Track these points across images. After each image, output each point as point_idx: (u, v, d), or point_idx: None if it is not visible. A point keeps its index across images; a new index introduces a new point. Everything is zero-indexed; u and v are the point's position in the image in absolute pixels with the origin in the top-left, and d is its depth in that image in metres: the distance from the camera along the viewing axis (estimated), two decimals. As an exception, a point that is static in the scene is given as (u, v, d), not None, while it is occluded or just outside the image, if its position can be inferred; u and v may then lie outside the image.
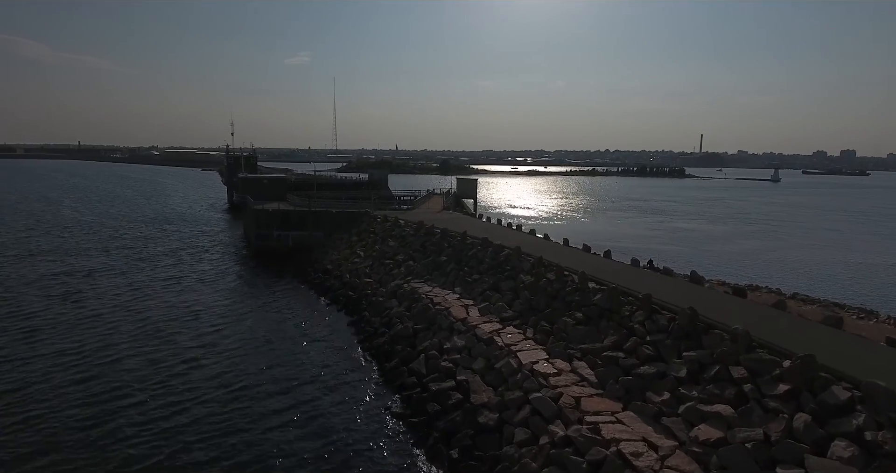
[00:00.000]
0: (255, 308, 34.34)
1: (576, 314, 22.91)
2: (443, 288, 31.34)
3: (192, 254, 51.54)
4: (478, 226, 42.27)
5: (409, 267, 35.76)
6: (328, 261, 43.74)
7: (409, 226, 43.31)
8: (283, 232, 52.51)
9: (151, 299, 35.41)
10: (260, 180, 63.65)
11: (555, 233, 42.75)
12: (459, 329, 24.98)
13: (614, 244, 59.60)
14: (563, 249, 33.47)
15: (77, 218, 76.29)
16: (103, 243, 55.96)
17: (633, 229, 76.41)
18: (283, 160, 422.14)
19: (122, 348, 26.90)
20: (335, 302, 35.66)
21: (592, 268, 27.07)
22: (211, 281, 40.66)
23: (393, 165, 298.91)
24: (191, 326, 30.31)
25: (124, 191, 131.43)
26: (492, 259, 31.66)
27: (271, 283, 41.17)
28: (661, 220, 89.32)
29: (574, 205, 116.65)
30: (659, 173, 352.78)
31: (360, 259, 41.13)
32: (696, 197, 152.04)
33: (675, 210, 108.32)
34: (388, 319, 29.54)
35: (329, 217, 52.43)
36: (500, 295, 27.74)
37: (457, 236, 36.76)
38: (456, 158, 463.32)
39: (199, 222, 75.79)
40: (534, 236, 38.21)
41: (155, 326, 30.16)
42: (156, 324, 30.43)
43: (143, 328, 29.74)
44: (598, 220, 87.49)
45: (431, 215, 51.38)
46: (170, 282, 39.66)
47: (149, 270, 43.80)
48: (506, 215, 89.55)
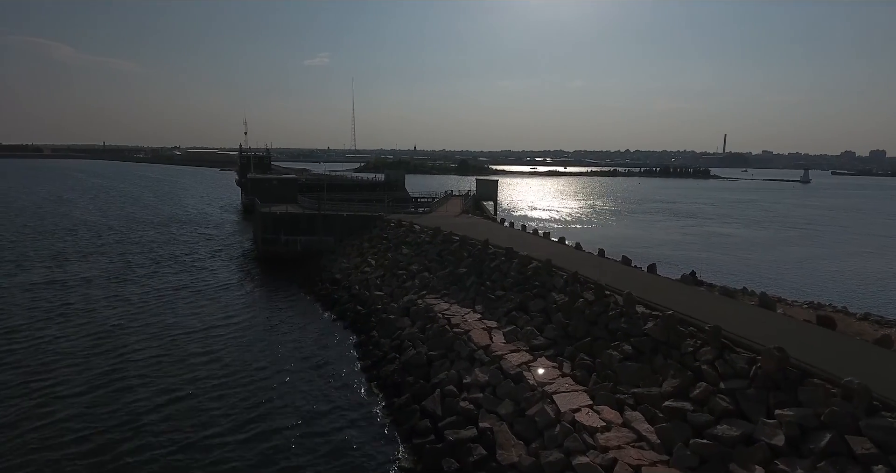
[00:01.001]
0: (254, 325, 30.99)
1: (623, 345, 18.92)
2: (461, 305, 27.57)
3: (196, 260, 48.65)
4: (500, 233, 38.41)
5: (424, 279, 32.07)
6: (337, 269, 40.31)
7: (424, 232, 39.66)
8: (292, 237, 49.31)
9: (140, 315, 32.29)
10: (269, 180, 60.68)
11: (583, 239, 38.75)
12: (482, 360, 21.17)
13: (648, 251, 55.18)
14: (600, 262, 29.41)
15: (86, 220, 74.45)
16: (106, 248, 53.49)
17: (665, 234, 71.56)
18: (302, 160, 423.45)
19: (97, 373, 23.74)
20: (342, 318, 32.15)
21: (638, 286, 23.05)
22: (211, 293, 37.52)
23: (411, 165, 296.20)
24: (174, 351, 26.79)
25: (140, 191, 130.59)
26: (518, 273, 27.78)
27: (275, 294, 37.89)
28: (693, 223, 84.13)
29: (599, 207, 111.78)
30: (683, 174, 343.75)
31: (371, 269, 37.59)
32: (726, 199, 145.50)
33: (706, 213, 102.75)
34: (399, 341, 25.87)
35: (340, 221, 49.07)
36: (528, 317, 23.86)
37: (477, 244, 32.98)
38: (474, 158, 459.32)
39: (209, 225, 73.32)
40: (564, 246, 34.21)
41: (133, 349, 26.80)
42: (133, 348, 27.07)
43: (121, 354, 26.50)
44: (627, 223, 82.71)
45: (449, 219, 47.66)
46: (165, 294, 36.58)
47: (146, 279, 40.90)
48: (528, 219, 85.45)
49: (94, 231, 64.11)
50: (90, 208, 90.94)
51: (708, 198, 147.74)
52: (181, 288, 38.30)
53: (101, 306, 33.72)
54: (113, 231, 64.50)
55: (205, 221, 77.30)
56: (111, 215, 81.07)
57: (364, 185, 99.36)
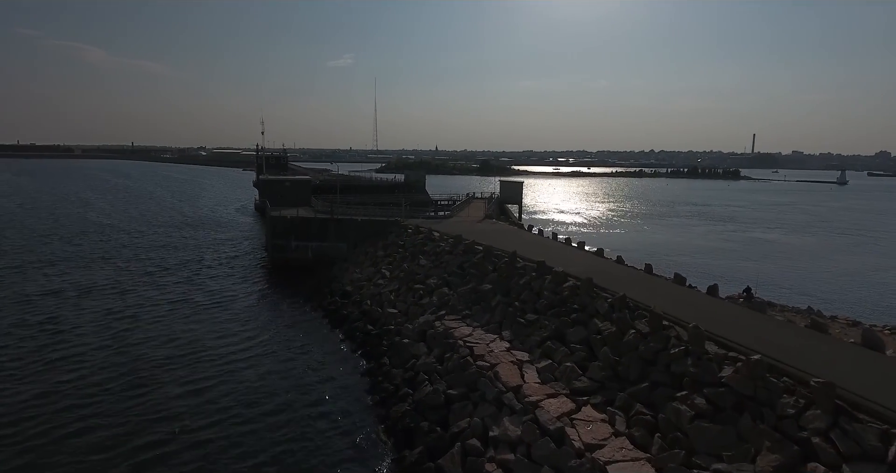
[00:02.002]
0: (251, 348, 27.66)
1: (694, 398, 14.90)
2: (486, 330, 23.76)
3: (203, 268, 45.79)
4: (528, 242, 34.47)
5: (444, 296, 28.35)
6: (348, 281, 36.90)
7: (444, 240, 35.95)
8: (302, 243, 46.17)
9: (126, 334, 29.18)
10: (281, 182, 57.78)
11: (616, 246, 34.69)
12: (512, 406, 17.35)
13: (689, 260, 50.54)
14: (648, 280, 25.27)
15: (99, 222, 72.80)
16: (113, 254, 51.14)
17: (704, 240, 66.49)
18: (325, 160, 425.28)
19: (73, 404, 20.67)
20: (350, 338, 28.63)
21: (701, 314, 18.98)
22: (210, 308, 34.43)
23: (432, 165, 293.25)
24: (147, 383, 23.50)
25: (161, 192, 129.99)
26: (552, 293, 23.85)
27: (281, 309, 34.65)
28: (733, 229, 78.62)
29: (628, 210, 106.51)
30: (711, 175, 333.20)
31: (385, 281, 34.04)
32: (762, 201, 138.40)
33: (744, 217, 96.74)
34: (413, 373, 22.20)
35: (354, 226, 45.69)
36: (566, 350, 19.93)
37: (504, 256, 29.12)
38: (496, 158, 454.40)
39: (223, 227, 70.94)
40: (603, 259, 30.12)
41: (102, 380, 23.57)
42: (105, 375, 23.90)
43: (91, 382, 23.38)
44: (661, 228, 77.62)
45: (471, 225, 43.89)
46: (161, 310, 33.50)
47: (146, 290, 38.08)
48: (554, 223, 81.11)
49: (104, 234, 62.16)
50: (107, 209, 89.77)
51: (742, 200, 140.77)
52: (180, 302, 35.31)
53: (88, 322, 30.86)
54: (124, 235, 62.46)
55: (219, 223, 75.01)
56: (126, 217, 79.48)
57: (382, 186, 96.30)
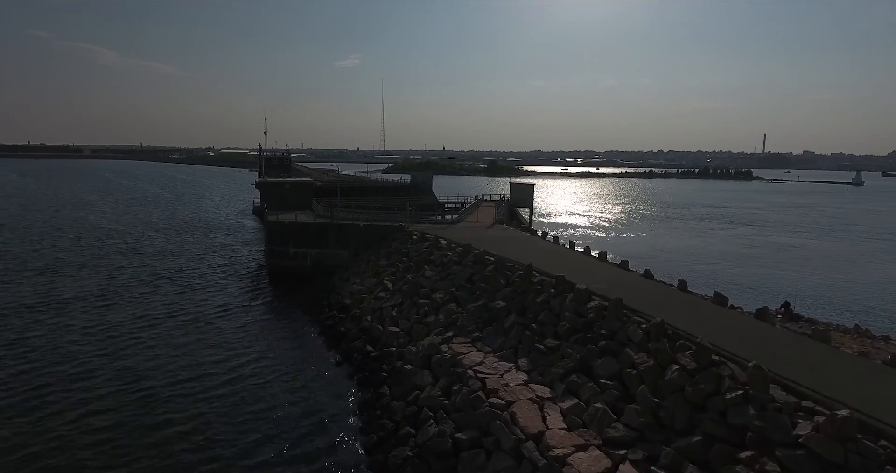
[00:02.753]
0: (239, 370, 24.96)
1: (765, 463, 11.93)
2: (499, 357, 20.86)
3: (199, 277, 43.10)
4: (544, 252, 31.52)
5: (451, 314, 25.47)
6: (347, 293, 34.11)
7: (451, 249, 33.06)
8: (301, 249, 43.48)
9: (105, 354, 26.65)
10: (281, 184, 55.12)
11: (634, 252, 31.66)
12: (534, 460, 14.47)
13: (712, 269, 47.33)
14: (685, 299, 22.22)
15: (97, 226, 70.58)
16: (106, 261, 48.66)
17: (726, 246, 63.08)
18: (332, 160, 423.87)
19: (39, 428, 18.03)
20: (348, 360, 25.82)
21: (758, 347, 16.06)
22: (200, 323, 31.75)
23: (439, 166, 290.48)
24: (118, 416, 21.09)
25: (164, 193, 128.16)
26: (575, 314, 20.92)
27: (275, 325, 31.92)
28: (754, 233, 75.06)
29: (642, 213, 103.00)
30: (723, 175, 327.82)
31: (387, 294, 31.20)
32: (780, 203, 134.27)
33: (764, 220, 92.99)
34: (416, 408, 19.35)
35: (355, 232, 42.93)
36: (595, 387, 17.01)
37: (518, 269, 26.21)
38: (504, 158, 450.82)
39: (222, 231, 68.48)
40: (629, 272, 27.13)
41: (73, 403, 21.15)
42: (76, 400, 21.43)
43: (64, 408, 20.83)
44: (679, 232, 74.17)
45: (481, 231, 41.00)
46: (146, 326, 30.75)
47: (134, 303, 35.50)
48: (566, 226, 78.03)
49: (99, 239, 59.82)
50: (106, 211, 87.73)
51: (758, 202, 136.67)
52: (169, 316, 32.64)
53: (66, 338, 28.29)
54: (120, 239, 60.07)
55: (220, 227, 72.54)
56: (125, 220, 77.26)
57: (388, 188, 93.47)
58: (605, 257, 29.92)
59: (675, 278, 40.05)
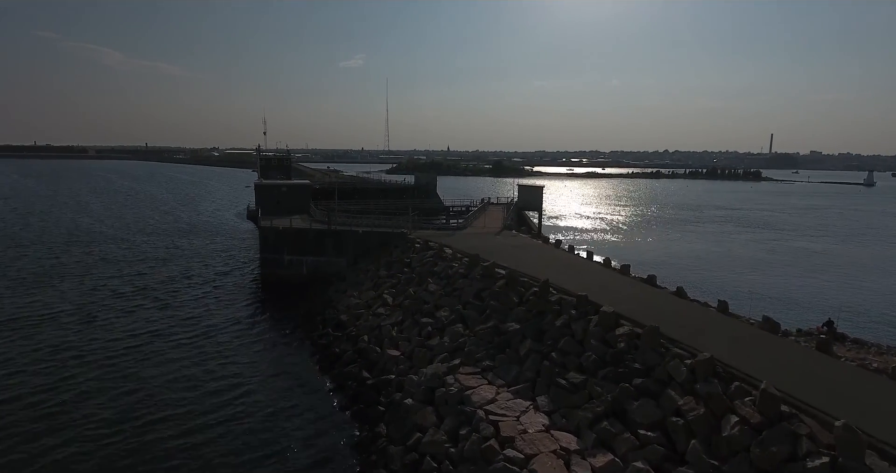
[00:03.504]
0: (219, 400, 22.24)
1: None
2: (514, 392, 17.98)
3: (188, 287, 40.39)
4: (559, 264, 28.60)
5: (457, 336, 22.60)
6: (344, 307, 31.27)
7: (458, 260, 30.17)
8: (296, 257, 40.75)
9: (75, 377, 24.01)
10: (277, 187, 52.34)
11: (651, 258, 28.65)
12: (562, 541, 11.55)
13: (739, 278, 44.12)
14: (731, 326, 19.21)
15: (89, 230, 68.09)
16: (94, 269, 46.01)
17: (746, 251, 59.83)
18: (336, 161, 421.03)
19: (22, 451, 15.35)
20: (342, 388, 23.00)
21: (834, 393, 13.11)
22: (186, 341, 29.08)
23: (443, 166, 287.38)
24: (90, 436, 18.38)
25: (163, 194, 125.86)
26: (601, 343, 18.03)
27: (265, 342, 29.18)
28: (772, 237, 71.70)
29: (654, 215, 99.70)
30: (731, 176, 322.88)
31: (387, 310, 28.34)
32: (794, 204, 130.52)
33: (781, 222, 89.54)
34: (417, 456, 16.49)
35: (354, 239, 40.11)
36: (633, 439, 14.09)
37: (532, 285, 23.34)
38: (508, 158, 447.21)
39: (219, 235, 65.83)
40: (659, 290, 24.17)
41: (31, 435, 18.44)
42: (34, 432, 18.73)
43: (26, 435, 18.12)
44: (695, 236, 70.84)
45: (489, 238, 38.13)
46: (124, 347, 28.02)
47: (118, 318, 32.79)
48: (576, 231, 75.00)
49: (89, 245, 57.25)
50: (102, 214, 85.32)
51: (771, 203, 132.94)
52: (148, 334, 29.87)
53: (37, 361, 25.65)
54: (111, 244, 57.55)
55: (216, 230, 69.93)
56: (119, 224, 74.74)
57: (391, 189, 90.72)
58: (629, 271, 26.95)
59: (699, 288, 37.43)
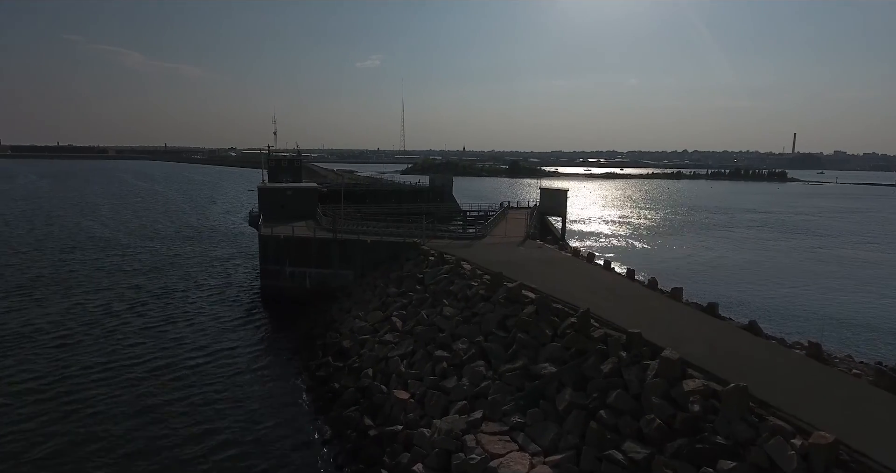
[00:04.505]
0: (204, 443, 18.64)
1: None
2: (554, 467, 13.97)
3: (184, 303, 36.83)
4: (597, 284, 24.51)
5: (479, 378, 18.69)
6: (347, 330, 27.51)
7: (477, 278, 26.22)
8: (299, 269, 37.21)
9: (42, 408, 20.67)
10: (281, 191, 48.83)
11: (689, 271, 24.46)
12: None
13: (799, 297, 39.30)
14: (834, 378, 14.94)
15: (93, 234, 65.52)
16: (88, 279, 43.04)
17: (790, 260, 54.84)
18: (352, 161, 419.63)
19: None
20: (339, 437, 19.20)
21: None
22: (171, 368, 25.76)
23: (459, 167, 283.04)
24: None
25: (176, 196, 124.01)
26: (665, 400, 13.97)
27: (258, 372, 25.64)
28: (817, 244, 66.34)
29: (683, 219, 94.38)
30: (755, 177, 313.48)
31: (395, 337, 24.51)
32: (828, 207, 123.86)
33: (821, 227, 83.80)
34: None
35: (362, 249, 36.39)
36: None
37: (569, 315, 19.34)
38: (525, 159, 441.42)
39: (225, 242, 62.72)
40: (725, 323, 19.96)
41: None
42: None
43: None
44: (732, 244, 65.53)
45: (511, 249, 34.16)
46: (96, 375, 24.82)
47: (101, 340, 29.46)
48: (602, 237, 70.50)
49: (88, 252, 54.41)
50: (108, 217, 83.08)
51: (805, 206, 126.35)
52: (137, 360, 26.48)
53: None
54: (111, 252, 54.52)
55: (223, 236, 66.87)
56: (124, 227, 72.18)
57: (405, 191, 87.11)
58: (681, 296, 22.73)
59: (760, 313, 31.85)
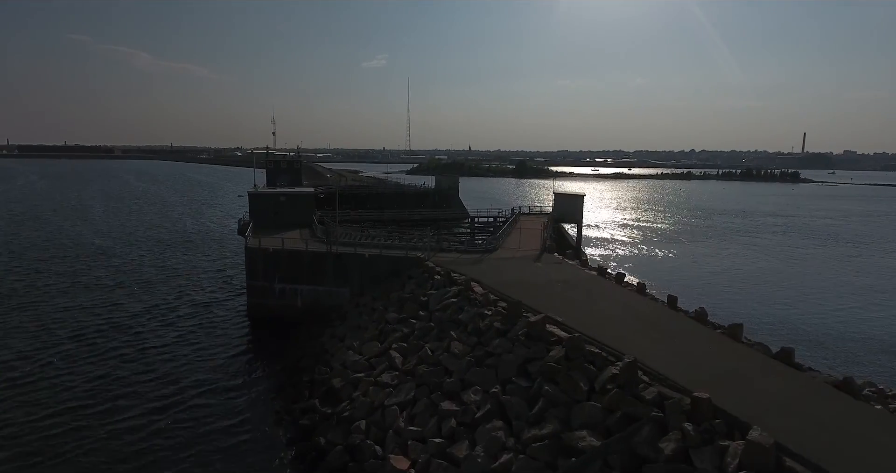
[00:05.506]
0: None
1: None
2: None
3: (162, 324, 33.03)
4: (637, 316, 20.51)
5: (497, 445, 14.75)
6: (339, 365, 23.56)
7: (490, 305, 22.22)
8: (290, 285, 33.37)
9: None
10: (274, 196, 44.91)
11: (725, 288, 20.43)
12: None
13: (860, 322, 34.74)
14: None
15: (78, 241, 61.93)
16: (62, 293, 39.47)
17: (829, 271, 50.51)
18: (358, 161, 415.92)
19: None
20: (322, 517, 15.26)
21: None
22: (137, 407, 22.16)
23: (465, 167, 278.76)
24: None
25: (174, 198, 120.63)
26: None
27: (232, 418, 21.79)
28: (851, 252, 61.90)
29: (701, 223, 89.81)
30: (767, 177, 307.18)
31: (394, 378, 20.54)
32: (851, 211, 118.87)
33: (850, 233, 79.18)
34: None
35: (359, 264, 32.46)
36: None
37: (608, 360, 15.40)
38: (531, 158, 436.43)
39: (216, 249, 58.96)
40: (808, 375, 15.84)
41: None
42: None
43: None
44: (758, 252, 61.03)
45: (527, 266, 30.18)
46: (41, 412, 21.11)
47: (60, 374, 25.71)
48: (615, 245, 66.24)
49: (72, 261, 50.69)
50: (98, 221, 79.53)
51: (826, 209, 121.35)
52: (91, 401, 22.80)
53: None
54: (96, 262, 50.57)
55: (216, 243, 63.00)
56: (114, 233, 68.58)
57: (409, 194, 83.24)
58: (741, 334, 18.64)
59: (814, 344, 27.58)
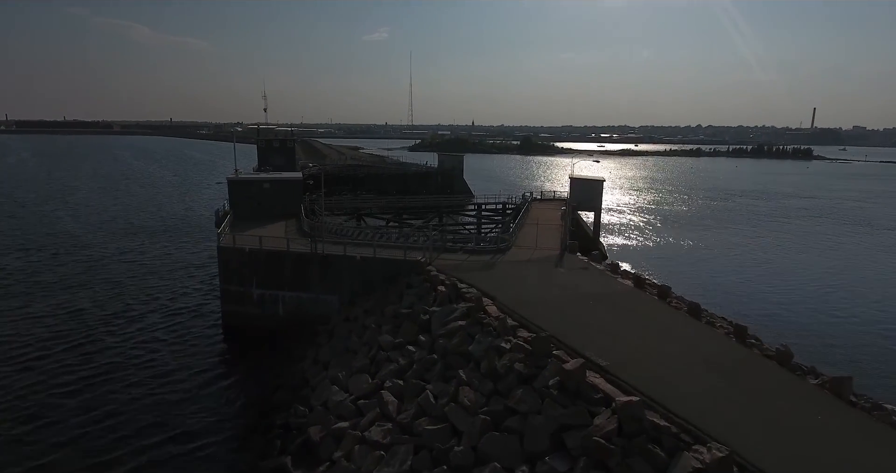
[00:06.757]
0: None
1: None
2: None
3: (124, 334, 28.99)
4: (703, 357, 15.80)
5: None
6: (321, 406, 19.03)
7: (508, 334, 17.49)
8: (270, 291, 28.75)
9: None
10: (257, 183, 39.41)
11: (757, 283, 19.83)
12: None
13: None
14: None
15: (53, 229, 57.47)
16: (12, 298, 35.08)
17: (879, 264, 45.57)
18: (360, 136, 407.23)
19: None
20: None
21: None
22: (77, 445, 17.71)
23: (469, 143, 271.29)
24: None
25: (167, 176, 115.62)
26: None
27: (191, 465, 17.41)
28: (887, 240, 56.83)
29: (723, 206, 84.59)
30: (779, 154, 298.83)
31: (386, 437, 16.01)
32: (877, 191, 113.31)
33: (882, 217, 73.93)
34: None
35: (349, 268, 27.66)
36: None
37: (680, 440, 10.74)
38: (535, 134, 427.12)
39: (200, 239, 54.10)
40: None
41: None
42: None
43: None
44: (794, 240, 56.25)
45: (548, 272, 25.41)
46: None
47: None
48: (634, 232, 61.15)
49: (37, 254, 46.22)
50: (79, 206, 74.61)
51: (851, 189, 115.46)
52: (18, 432, 18.49)
53: None
54: (64, 255, 45.94)
55: (201, 233, 57.75)
56: (92, 219, 63.84)
57: (410, 175, 77.85)
58: (849, 391, 13.93)
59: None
